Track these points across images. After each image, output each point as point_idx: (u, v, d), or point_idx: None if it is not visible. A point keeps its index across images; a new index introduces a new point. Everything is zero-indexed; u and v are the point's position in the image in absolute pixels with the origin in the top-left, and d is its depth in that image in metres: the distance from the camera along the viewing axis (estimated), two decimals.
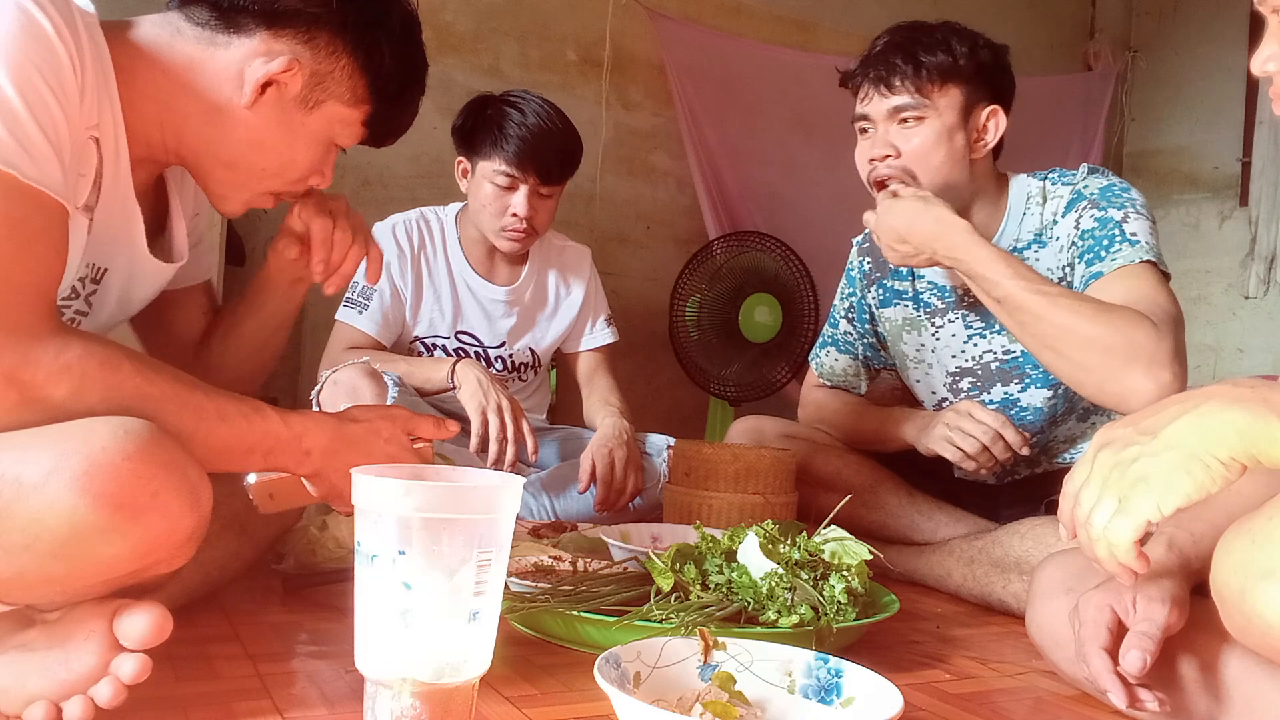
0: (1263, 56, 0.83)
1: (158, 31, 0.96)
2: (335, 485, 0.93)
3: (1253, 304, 3.59)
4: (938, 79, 1.45)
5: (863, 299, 1.77)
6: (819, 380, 1.87)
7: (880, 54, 1.48)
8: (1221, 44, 3.74)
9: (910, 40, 1.46)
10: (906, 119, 1.46)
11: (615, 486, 1.78)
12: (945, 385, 1.65)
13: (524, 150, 1.85)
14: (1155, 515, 0.71)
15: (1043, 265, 1.50)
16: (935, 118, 1.45)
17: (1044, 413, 1.58)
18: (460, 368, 1.79)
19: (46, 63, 0.79)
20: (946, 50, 1.45)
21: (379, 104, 1.05)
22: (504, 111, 1.88)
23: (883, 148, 1.47)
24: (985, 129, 1.50)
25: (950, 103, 1.46)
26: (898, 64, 1.45)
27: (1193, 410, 0.72)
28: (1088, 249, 1.41)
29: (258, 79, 0.96)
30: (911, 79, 1.44)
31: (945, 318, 1.62)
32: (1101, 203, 1.43)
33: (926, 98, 1.45)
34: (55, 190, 0.79)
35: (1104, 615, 0.88)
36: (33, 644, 0.77)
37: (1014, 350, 1.56)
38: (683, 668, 0.83)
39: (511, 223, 1.90)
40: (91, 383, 0.76)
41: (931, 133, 1.45)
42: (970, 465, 1.48)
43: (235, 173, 1.02)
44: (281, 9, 0.96)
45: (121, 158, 0.94)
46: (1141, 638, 0.83)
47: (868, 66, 1.49)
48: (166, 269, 1.07)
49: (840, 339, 1.81)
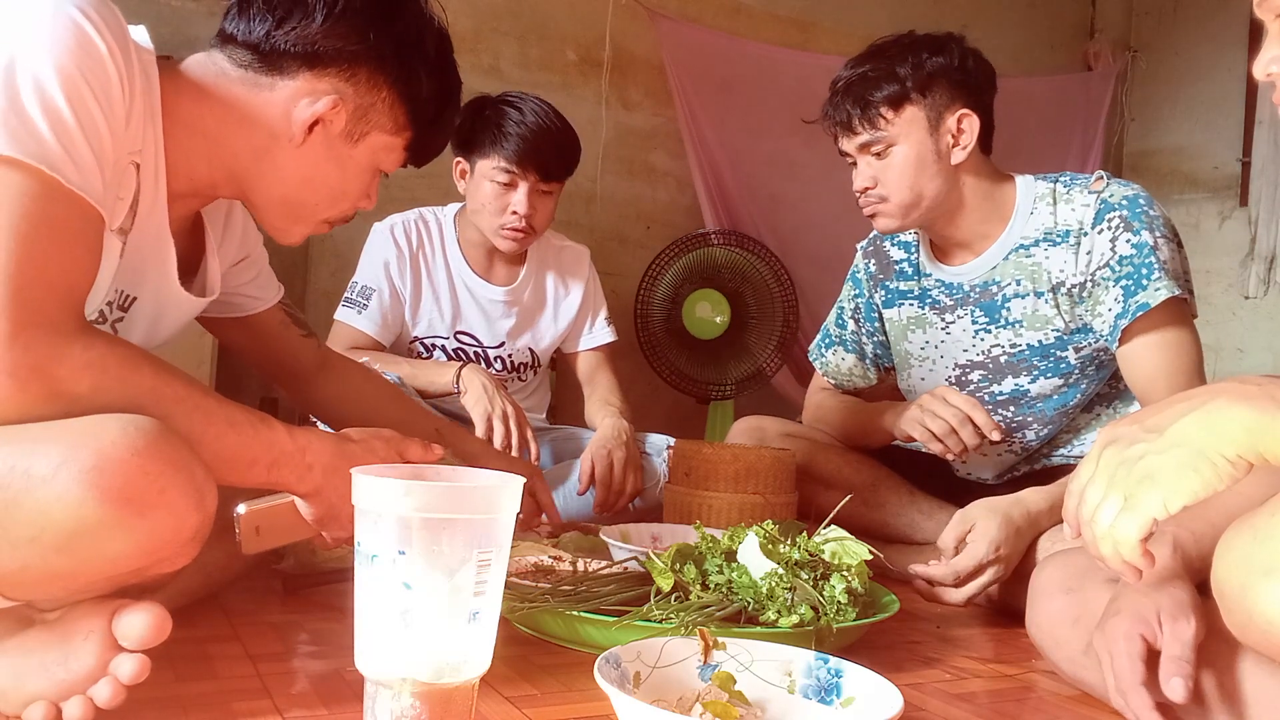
0: (1265, 60, 0.83)
1: (203, 71, 0.98)
2: (333, 505, 0.93)
3: (1253, 304, 3.58)
4: (890, 109, 1.50)
5: (870, 299, 1.78)
6: (823, 383, 1.89)
7: (835, 101, 1.55)
8: (1221, 44, 3.74)
9: (859, 81, 1.52)
10: (876, 150, 1.52)
11: (614, 488, 1.78)
12: (953, 379, 1.66)
13: (524, 147, 1.85)
14: (1161, 513, 0.70)
15: (1052, 263, 1.51)
16: (902, 142, 1.51)
17: (1055, 402, 1.58)
18: (466, 373, 1.80)
19: (98, 79, 0.81)
20: (891, 79, 1.50)
21: (419, 129, 1.07)
22: (502, 110, 1.88)
23: (864, 180, 1.55)
24: (960, 132, 1.52)
25: (912, 123, 1.50)
26: (850, 111, 1.52)
27: (1199, 408, 0.71)
28: (1126, 275, 1.45)
29: (304, 119, 0.98)
30: (865, 118, 1.51)
31: (955, 314, 1.63)
32: (1135, 224, 1.45)
33: (885, 130, 1.51)
34: (95, 199, 0.80)
35: (1136, 646, 0.85)
36: (32, 644, 0.77)
37: (1020, 344, 1.57)
38: (683, 668, 0.83)
39: (512, 220, 1.90)
40: (112, 380, 0.77)
41: (900, 158, 1.51)
42: (937, 447, 1.49)
43: (290, 207, 1.05)
44: (322, 50, 0.98)
45: (160, 188, 0.96)
46: (1179, 663, 0.81)
47: (827, 116, 1.57)
48: (196, 303, 1.09)
49: (848, 339, 1.83)
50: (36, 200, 0.75)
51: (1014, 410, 1.61)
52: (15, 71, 0.76)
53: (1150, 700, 0.83)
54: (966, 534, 1.36)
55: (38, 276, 0.75)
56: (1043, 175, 1.58)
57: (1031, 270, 1.53)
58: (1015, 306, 1.56)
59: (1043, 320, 1.54)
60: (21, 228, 0.74)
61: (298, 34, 0.97)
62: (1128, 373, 1.49)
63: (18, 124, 0.75)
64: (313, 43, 0.97)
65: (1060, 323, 1.52)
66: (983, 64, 1.55)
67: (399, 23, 1.02)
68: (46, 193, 0.76)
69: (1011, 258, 1.55)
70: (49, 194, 0.76)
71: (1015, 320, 1.56)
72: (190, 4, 2.60)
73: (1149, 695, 0.83)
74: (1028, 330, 1.55)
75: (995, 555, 1.34)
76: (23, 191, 0.75)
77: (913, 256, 1.70)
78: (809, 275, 3.36)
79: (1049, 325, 1.53)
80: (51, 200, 0.77)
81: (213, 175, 1.01)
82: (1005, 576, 1.38)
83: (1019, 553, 1.38)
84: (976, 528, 1.36)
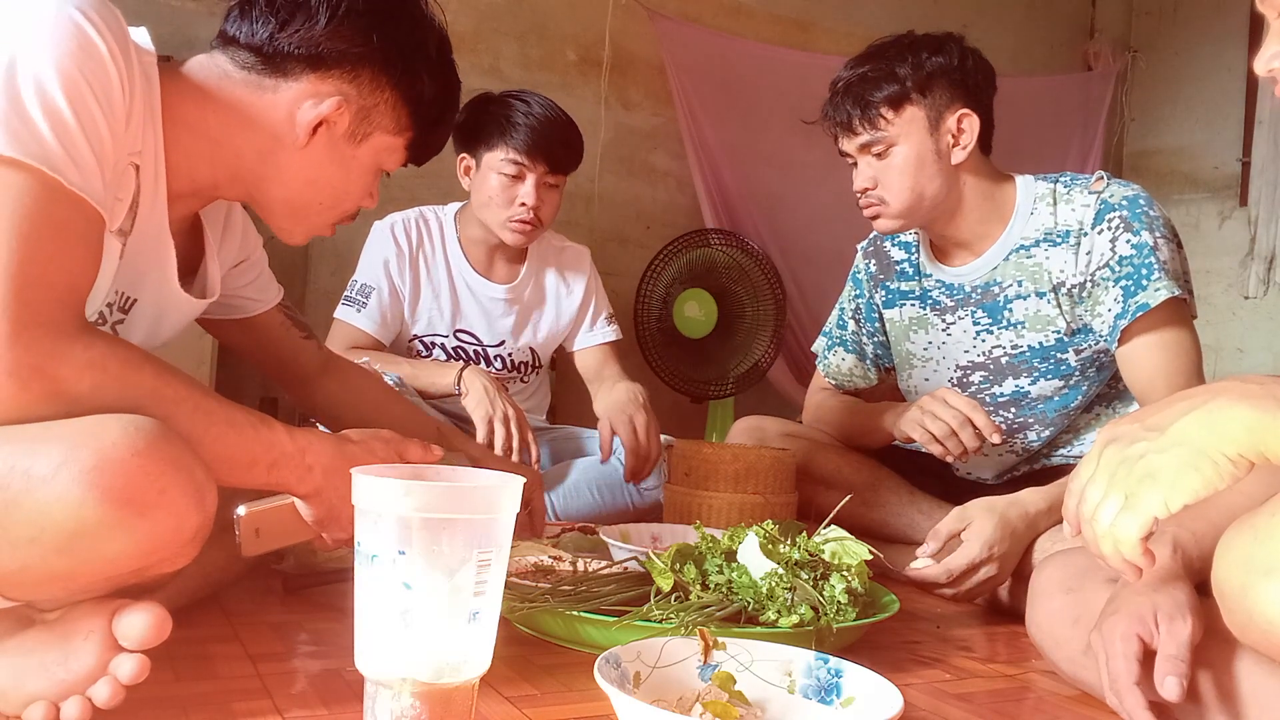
0: (1266, 55, 0.83)
1: (205, 73, 0.98)
2: (333, 506, 0.93)
3: (1252, 304, 3.59)
4: (890, 110, 1.50)
5: (870, 299, 1.79)
6: (824, 383, 1.89)
7: (835, 101, 1.55)
8: (1221, 44, 3.74)
9: (858, 81, 1.52)
10: (877, 151, 1.52)
11: (641, 453, 1.75)
12: (954, 380, 1.66)
13: (533, 138, 1.86)
14: (1162, 512, 0.70)
15: (1053, 263, 1.51)
16: (903, 142, 1.51)
17: (1056, 403, 1.58)
18: (467, 374, 1.79)
19: (98, 81, 0.81)
20: (891, 79, 1.50)
21: (421, 129, 1.08)
22: (509, 104, 1.89)
23: (864, 181, 1.55)
24: (960, 132, 1.52)
25: (912, 123, 1.51)
26: (850, 111, 1.52)
27: (1201, 406, 0.71)
28: (1126, 275, 1.45)
29: (308, 121, 0.98)
30: (866, 119, 1.51)
31: (956, 314, 1.64)
32: (1135, 225, 1.46)
33: (885, 130, 1.51)
34: (96, 200, 0.80)
35: (1132, 646, 0.85)
36: (32, 644, 0.77)
37: (1021, 345, 1.57)
38: (683, 668, 0.83)
39: (520, 213, 1.90)
40: (113, 380, 0.77)
41: (900, 158, 1.51)
42: (937, 449, 1.49)
43: (294, 207, 1.05)
44: (326, 52, 0.98)
45: (160, 189, 0.96)
46: (1174, 662, 0.81)
47: (827, 117, 1.57)
48: (196, 304, 1.10)
49: (849, 339, 1.83)
50: (38, 201, 0.75)
51: (1015, 412, 1.62)
52: (16, 72, 0.76)
53: (1144, 700, 0.83)
54: (961, 531, 1.36)
55: (39, 277, 0.75)
56: (1042, 175, 1.58)
57: (1032, 271, 1.53)
58: (1018, 308, 1.56)
59: (1045, 321, 1.54)
60: (23, 228, 0.74)
61: (301, 36, 0.97)
62: (1127, 374, 1.49)
63: (19, 125, 0.75)
64: (316, 45, 0.97)
65: (1062, 323, 1.52)
66: (982, 64, 1.56)
67: (401, 24, 1.02)
68: (48, 193, 0.76)
69: (1012, 258, 1.55)
70: (50, 195, 0.76)
71: (1018, 321, 1.56)
72: (190, 4, 2.60)
73: (1143, 695, 0.83)
74: (1030, 331, 1.56)
75: (989, 555, 1.35)
76: (24, 192, 0.75)
77: (913, 257, 1.70)
78: (808, 275, 3.37)
79: (1050, 326, 1.54)
80: (53, 201, 0.77)
81: (215, 176, 1.01)
82: (1002, 580, 1.38)
83: (1015, 554, 1.39)
84: (972, 526, 1.36)
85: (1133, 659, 0.84)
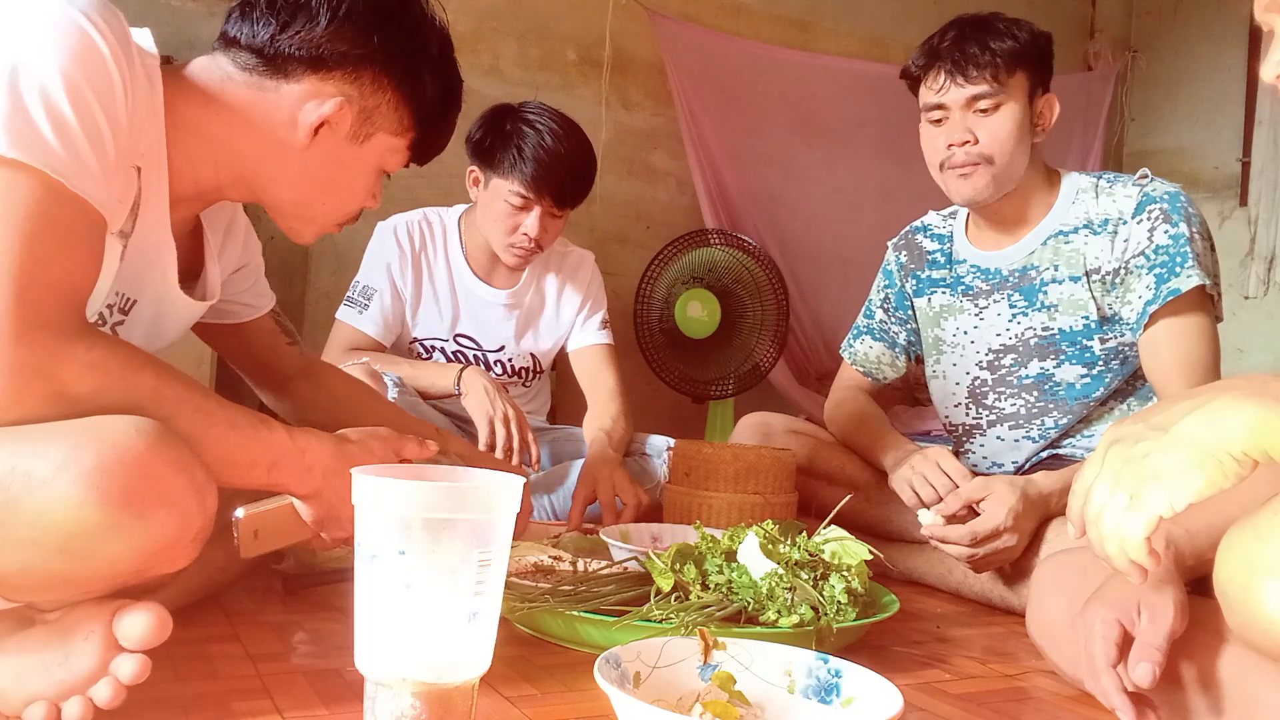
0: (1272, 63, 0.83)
1: (207, 75, 0.98)
2: (333, 506, 0.93)
3: (1253, 304, 3.58)
4: (1009, 65, 1.50)
5: (901, 288, 1.81)
6: (848, 380, 1.88)
7: (953, 43, 1.53)
8: (1221, 44, 3.74)
9: (980, 29, 1.52)
10: (984, 107, 1.51)
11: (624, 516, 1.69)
12: (985, 364, 1.67)
13: (540, 174, 1.82)
14: (1168, 511, 0.70)
15: (1090, 250, 1.54)
16: (1010, 103, 1.51)
17: (1078, 391, 1.59)
18: (467, 375, 1.79)
19: (101, 83, 0.81)
20: (1013, 37, 1.51)
21: (423, 129, 1.08)
22: (522, 131, 1.84)
23: (961, 134, 1.52)
24: (1043, 114, 1.55)
25: (1020, 89, 1.52)
26: (974, 53, 1.50)
27: (1205, 405, 0.71)
28: (1161, 263, 1.47)
29: (311, 122, 0.99)
30: (989, 67, 1.50)
31: (991, 298, 1.65)
32: (1174, 217, 1.48)
33: (1002, 84, 1.50)
34: (98, 202, 0.80)
35: (1112, 630, 0.86)
36: (32, 644, 0.77)
37: (1052, 328, 1.59)
38: (683, 668, 0.83)
39: (521, 241, 1.89)
40: (113, 381, 0.77)
41: (1009, 118, 1.51)
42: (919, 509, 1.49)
43: (298, 208, 1.06)
44: (327, 53, 0.98)
45: (162, 192, 0.96)
46: (1149, 649, 0.82)
47: (942, 57, 1.53)
48: (197, 307, 1.10)
49: (876, 328, 1.85)
50: (40, 202, 0.75)
51: (1036, 395, 1.62)
52: (19, 75, 0.76)
53: (1119, 682, 0.84)
54: (980, 501, 1.41)
55: (40, 278, 0.75)
56: (1085, 171, 1.62)
57: (1069, 256, 1.56)
58: (1052, 291, 1.58)
59: (1077, 305, 1.56)
60: (25, 229, 0.74)
61: (302, 38, 0.97)
62: (1147, 361, 1.50)
63: (22, 127, 0.75)
64: (317, 46, 0.97)
65: (1093, 308, 1.54)
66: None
67: (402, 25, 1.02)
68: (49, 195, 0.76)
69: (1050, 243, 1.58)
70: (52, 196, 0.77)
71: (1051, 304, 1.58)
72: (191, 4, 2.60)
73: (1118, 678, 0.85)
74: (1062, 315, 1.57)
75: (1012, 523, 1.38)
76: (26, 194, 0.75)
77: (945, 247, 1.73)
78: (808, 275, 3.37)
79: (1081, 311, 1.55)
80: (54, 202, 0.77)
81: (218, 178, 1.01)
82: (1016, 554, 1.42)
83: (1029, 531, 1.43)
84: (995, 494, 1.40)
85: (1111, 642, 0.86)
